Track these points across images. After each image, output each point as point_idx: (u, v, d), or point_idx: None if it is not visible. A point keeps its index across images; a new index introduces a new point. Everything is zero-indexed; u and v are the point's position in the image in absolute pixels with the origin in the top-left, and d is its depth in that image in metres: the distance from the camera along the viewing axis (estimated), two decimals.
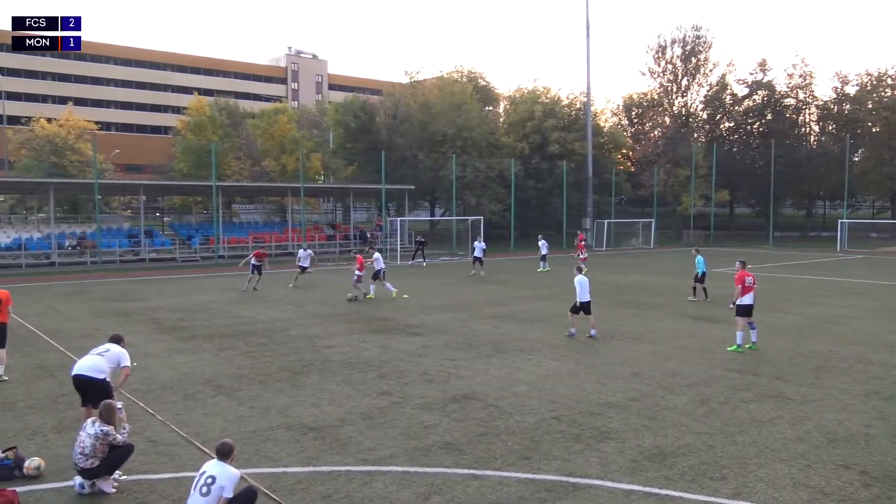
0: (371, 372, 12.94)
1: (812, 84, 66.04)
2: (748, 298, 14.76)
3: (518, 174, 53.01)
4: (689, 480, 7.77)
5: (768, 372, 12.86)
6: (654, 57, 69.77)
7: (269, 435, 9.36)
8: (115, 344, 9.34)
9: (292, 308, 21.60)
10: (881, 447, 8.82)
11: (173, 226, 50.21)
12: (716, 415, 10.21)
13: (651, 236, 57.24)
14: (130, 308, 21.63)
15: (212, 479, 6.39)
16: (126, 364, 9.20)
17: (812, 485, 7.65)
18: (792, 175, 61.82)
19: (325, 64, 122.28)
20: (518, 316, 19.81)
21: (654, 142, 66.13)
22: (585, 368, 13.18)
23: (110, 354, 9.11)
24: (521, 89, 63.65)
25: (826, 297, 24.18)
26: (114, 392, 8.97)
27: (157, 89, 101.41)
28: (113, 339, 9.46)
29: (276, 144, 56.28)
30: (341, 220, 59.24)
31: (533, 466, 8.19)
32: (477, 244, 33.25)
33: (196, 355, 14.53)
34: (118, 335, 9.63)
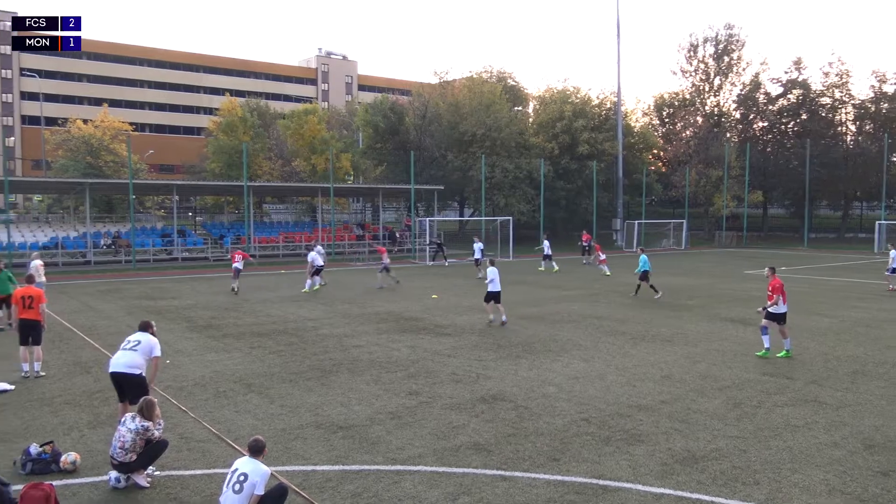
0: (400, 372, 12.97)
1: (849, 83, 64.69)
2: (784, 307, 14.30)
3: (547, 174, 52.78)
4: (721, 485, 7.67)
5: (803, 376, 12.64)
6: (685, 56, 68.93)
7: (299, 433, 9.43)
8: (144, 332, 9.39)
9: (322, 307, 21.74)
10: None
11: (205, 225, 50.84)
12: (749, 419, 10.06)
13: (682, 237, 56.60)
14: (163, 306, 21.95)
15: (244, 476, 6.47)
16: (157, 354, 9.29)
17: (848, 491, 7.50)
18: (828, 175, 60.67)
19: (354, 65, 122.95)
20: (548, 317, 19.71)
21: (685, 142, 65.32)
22: (615, 370, 13.08)
23: (142, 346, 9.19)
24: (551, 89, 63.31)
25: (863, 299, 23.69)
26: (150, 388, 9.12)
27: (190, 91, 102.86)
28: (142, 327, 9.50)
29: (306, 145, 56.73)
30: (370, 220, 59.52)
31: (562, 468, 8.15)
32: (475, 245, 33.14)
33: (227, 353, 14.70)
34: (147, 322, 9.64)
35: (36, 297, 12.67)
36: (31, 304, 12.56)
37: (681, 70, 69.72)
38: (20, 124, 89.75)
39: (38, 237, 39.67)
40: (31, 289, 12.91)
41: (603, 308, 21.50)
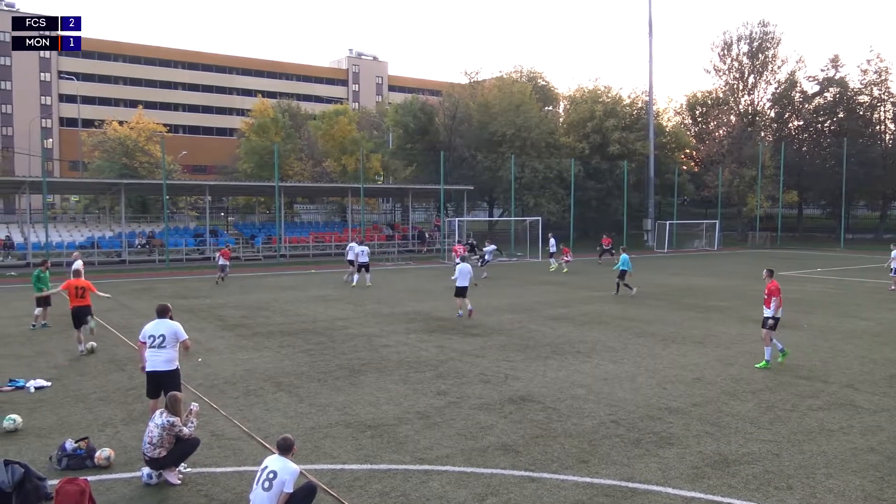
0: (428, 371, 12.99)
1: (888, 80, 63.34)
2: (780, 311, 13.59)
3: (577, 174, 52.45)
4: (754, 489, 7.55)
5: (838, 379, 12.40)
6: (719, 54, 68.05)
7: (328, 432, 9.49)
8: (164, 319, 9.30)
9: (352, 307, 21.86)
10: None
11: (237, 225, 51.45)
12: (782, 422, 9.89)
13: (715, 238, 55.87)
14: (195, 305, 22.25)
15: (273, 473, 6.52)
16: (183, 337, 9.30)
17: (885, 498, 7.34)
18: (865, 175, 59.42)
19: (385, 65, 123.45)
20: (577, 318, 19.60)
21: (718, 141, 64.45)
22: (645, 372, 12.95)
23: (168, 339, 9.16)
24: (582, 89, 62.88)
25: None
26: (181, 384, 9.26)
27: (223, 92, 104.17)
28: (160, 313, 9.39)
29: (336, 145, 57.08)
30: (400, 220, 59.70)
31: (591, 470, 8.09)
32: (487, 247, 33.18)
33: (258, 352, 14.85)
34: (164, 305, 9.53)
35: (86, 287, 14.84)
36: (82, 294, 14.65)
37: (714, 68, 68.88)
38: (58, 126, 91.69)
39: (74, 237, 40.46)
40: (82, 280, 15.04)
41: (632, 309, 21.30)
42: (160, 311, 9.45)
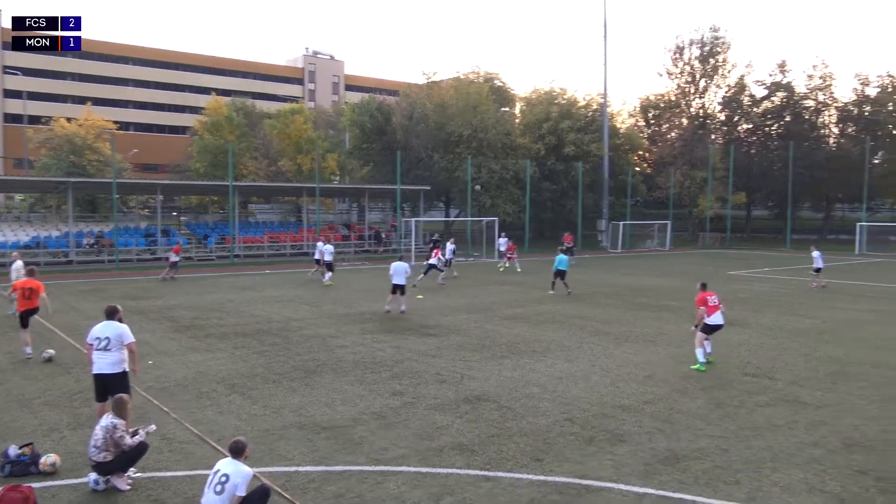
0: (384, 372, 12.96)
1: (832, 86, 65.41)
2: (717, 318, 13.59)
3: (533, 175, 52.89)
4: (703, 484, 7.72)
5: (784, 376, 12.75)
6: (671, 58, 69.26)
7: (283, 434, 9.40)
8: (111, 321, 9.11)
9: (307, 308, 21.68)
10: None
11: (189, 225, 50.53)
12: (730, 418, 10.13)
13: (667, 238, 56.92)
14: (146, 306, 21.80)
15: (225, 477, 6.43)
16: (130, 340, 9.07)
17: (828, 490, 7.58)
18: (810, 177, 61.23)
19: (341, 65, 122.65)
20: (533, 318, 19.76)
21: (670, 143, 65.69)
22: (599, 371, 13.13)
23: (114, 341, 8.95)
24: (538, 90, 63.37)
25: (843, 300, 23.93)
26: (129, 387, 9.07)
27: (175, 89, 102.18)
28: (108, 314, 9.19)
29: (292, 144, 56.52)
30: (356, 220, 59.40)
31: (545, 468, 8.17)
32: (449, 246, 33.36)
33: (210, 354, 14.62)
34: (113, 307, 9.33)
35: (34, 288, 14.14)
36: (29, 296, 14.07)
37: (667, 72, 70.10)
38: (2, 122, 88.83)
39: (19, 237, 39.25)
40: (32, 281, 14.27)
41: (587, 309, 21.58)
42: (108, 313, 9.24)
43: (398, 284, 20.29)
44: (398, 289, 20.32)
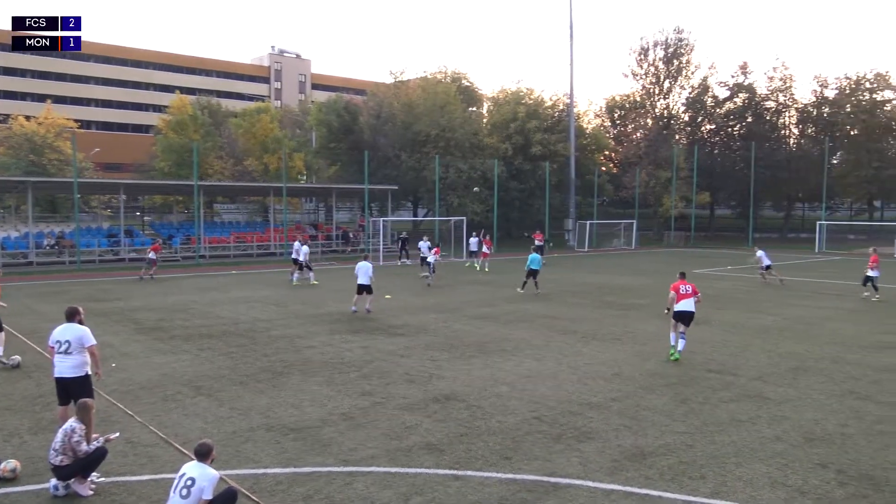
0: (353, 372, 12.91)
1: (792, 87, 66.85)
2: (683, 305, 14.07)
3: (501, 175, 53.11)
4: (669, 480, 7.83)
5: (747, 372, 12.98)
6: (636, 59, 70.19)
7: (250, 436, 9.31)
8: (71, 323, 8.91)
9: (275, 308, 21.50)
10: (857, 446, 8.93)
11: (154, 225, 49.78)
12: (695, 414, 10.29)
13: (632, 237, 57.59)
14: (109, 308, 21.43)
15: (191, 480, 6.34)
16: (90, 343, 8.86)
17: (789, 484, 7.74)
18: (771, 177, 62.49)
19: (308, 63, 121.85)
20: (501, 317, 19.84)
21: (636, 143, 66.53)
22: (567, 369, 13.24)
23: (74, 344, 8.75)
24: (505, 90, 63.72)
25: (804, 298, 24.44)
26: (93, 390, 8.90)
27: (139, 87, 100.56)
28: (68, 316, 8.99)
29: (258, 144, 56.04)
30: (324, 220, 59.07)
31: (514, 467, 8.21)
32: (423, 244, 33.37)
33: (176, 356, 14.42)
34: (74, 308, 9.11)
35: None
36: None
37: (632, 73, 71.02)
38: None
39: None
40: None
41: (555, 307, 21.74)
42: (68, 315, 9.04)
43: (362, 284, 20.30)
44: (363, 288, 20.33)
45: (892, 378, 12.57)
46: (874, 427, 9.74)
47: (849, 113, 62.75)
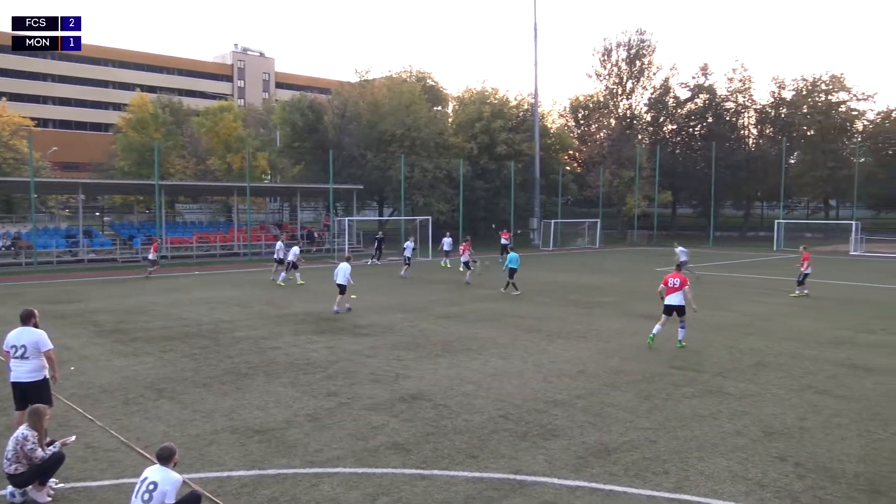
0: (318, 373, 12.82)
1: (751, 88, 68.20)
2: (670, 299, 15.19)
3: (466, 174, 53.23)
4: (633, 475, 7.93)
5: (709, 368, 13.21)
6: (599, 59, 70.99)
7: (214, 438, 9.20)
8: (26, 326, 8.68)
9: (238, 309, 21.26)
10: (814, 439, 9.15)
11: (113, 226, 48.84)
12: (658, 410, 10.43)
13: (596, 236, 58.16)
14: (68, 310, 20.98)
15: (153, 485, 6.25)
16: (47, 347, 8.62)
17: (749, 477, 7.89)
18: (731, 177, 63.65)
19: (272, 62, 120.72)
20: (467, 316, 19.89)
21: (599, 143, 67.25)
22: (532, 367, 13.32)
23: (30, 349, 8.53)
24: (470, 90, 63.87)
25: (764, 295, 24.94)
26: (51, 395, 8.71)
27: (98, 85, 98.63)
28: (23, 319, 8.75)
29: (221, 143, 55.35)
30: (288, 219, 58.56)
31: (480, 465, 8.24)
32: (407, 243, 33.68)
33: (137, 358, 14.18)
34: (29, 311, 8.85)
35: None
36: None
37: (595, 73, 71.82)
38: None
39: None
40: None
41: (521, 306, 21.85)
42: (23, 317, 8.80)
43: (340, 284, 20.53)
44: (340, 289, 20.56)
45: (848, 373, 12.91)
46: (831, 420, 9.98)
47: (805, 114, 64.22)
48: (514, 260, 25.12)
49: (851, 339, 16.26)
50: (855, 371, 13.03)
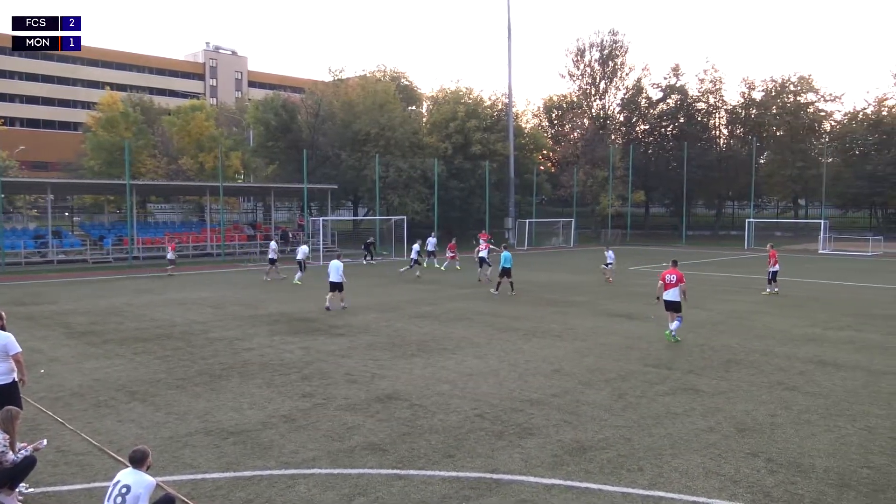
0: (293, 374, 12.75)
1: (722, 89, 69.12)
2: (667, 295, 15.84)
3: (441, 174, 53.25)
4: (608, 473, 7.99)
5: (682, 366, 13.35)
6: (573, 60, 71.46)
7: (188, 441, 9.10)
8: None
9: (211, 310, 21.06)
10: (785, 435, 9.29)
11: (84, 226, 48.08)
12: (633, 408, 10.53)
13: (571, 235, 58.52)
14: (37, 312, 20.62)
15: (126, 488, 6.16)
16: (15, 350, 8.43)
17: (722, 473, 7.99)
18: (703, 176, 64.45)
19: (244, 60, 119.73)
20: (442, 315, 19.90)
21: (573, 143, 67.65)
22: (508, 366, 13.36)
23: None
24: (444, 90, 63.91)
25: (735, 293, 25.28)
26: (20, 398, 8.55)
27: (66, 83, 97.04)
28: None
29: (193, 142, 54.74)
30: (262, 219, 58.12)
31: (457, 464, 8.25)
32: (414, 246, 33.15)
33: (109, 360, 13.98)
34: None
35: None
36: None
37: (569, 73, 72.28)
38: None
39: None
40: None
41: (496, 305, 21.91)
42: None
43: (334, 282, 20.88)
44: (335, 286, 20.89)
45: (817, 369, 13.13)
46: (801, 416, 10.15)
47: (774, 114, 65.21)
48: (508, 259, 24.69)
49: (820, 336, 16.53)
50: (824, 367, 13.26)
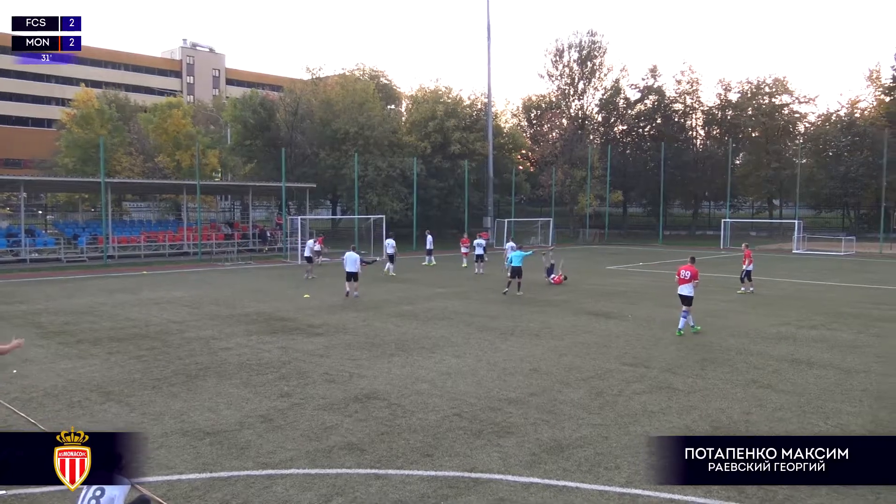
0: (270, 373, 12.68)
1: (698, 90, 69.86)
2: (681, 290, 16.92)
3: (420, 173, 53.24)
4: (586, 471, 8.04)
5: (659, 364, 13.47)
6: (552, 60, 71.74)
7: (163, 442, 9.02)
8: None
9: (188, 309, 20.87)
10: (759, 433, 9.40)
11: (57, 224, 47.42)
12: (610, 407, 10.60)
13: (549, 235, 58.77)
14: (8, 311, 20.31)
15: (100, 490, 6.09)
16: None
17: None
18: (680, 177, 65.12)
19: (222, 58, 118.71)
20: (421, 314, 19.89)
21: (552, 143, 67.93)
22: (486, 365, 13.39)
23: None
24: (424, 89, 63.88)
25: (711, 292, 25.49)
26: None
27: (39, 80, 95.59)
28: None
29: (169, 140, 54.31)
30: (240, 218, 57.72)
31: (435, 464, 8.26)
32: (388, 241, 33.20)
33: (83, 360, 13.81)
34: None
35: None
36: None
37: (547, 74, 72.59)
38: None
39: None
40: None
41: (475, 305, 21.95)
42: None
43: (350, 272, 23.04)
44: (352, 276, 23.07)
45: (791, 367, 13.30)
46: (775, 414, 10.28)
47: (750, 116, 66.04)
48: (518, 258, 24.30)
49: (794, 335, 16.76)
50: (797, 365, 13.44)
